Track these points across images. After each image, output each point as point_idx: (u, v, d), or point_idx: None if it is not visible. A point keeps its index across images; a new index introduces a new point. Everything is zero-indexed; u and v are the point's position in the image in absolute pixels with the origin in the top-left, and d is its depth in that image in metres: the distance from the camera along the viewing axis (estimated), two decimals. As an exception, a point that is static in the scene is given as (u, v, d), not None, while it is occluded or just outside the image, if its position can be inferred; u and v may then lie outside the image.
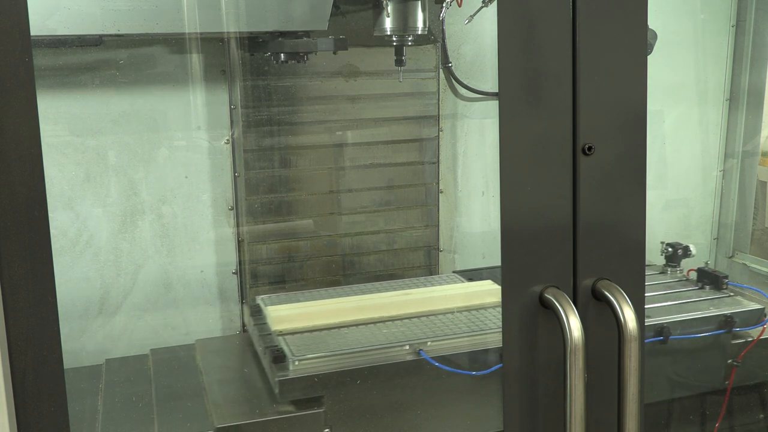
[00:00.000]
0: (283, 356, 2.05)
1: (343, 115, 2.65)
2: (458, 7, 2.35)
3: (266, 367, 2.14)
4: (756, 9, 2.98)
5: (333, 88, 2.61)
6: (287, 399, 2.00)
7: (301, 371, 2.01)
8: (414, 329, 2.24)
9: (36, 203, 1.16)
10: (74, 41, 2.24)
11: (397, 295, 2.43)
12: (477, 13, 2.35)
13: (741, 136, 3.07)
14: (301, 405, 2.00)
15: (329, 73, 2.60)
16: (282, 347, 2.10)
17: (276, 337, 2.19)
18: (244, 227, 2.57)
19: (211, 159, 2.52)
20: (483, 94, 2.83)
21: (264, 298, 2.48)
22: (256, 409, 2.00)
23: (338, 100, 2.63)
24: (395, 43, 2.34)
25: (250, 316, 2.42)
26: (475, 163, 2.85)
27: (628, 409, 1.40)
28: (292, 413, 1.99)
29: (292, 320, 2.26)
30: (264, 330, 2.28)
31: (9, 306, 1.16)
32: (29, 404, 1.19)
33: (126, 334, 2.50)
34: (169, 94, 2.44)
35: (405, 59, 2.40)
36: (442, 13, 2.56)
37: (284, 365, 2.03)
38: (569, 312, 1.36)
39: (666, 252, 2.77)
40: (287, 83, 2.54)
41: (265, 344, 2.16)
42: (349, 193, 2.69)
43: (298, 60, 2.30)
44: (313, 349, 2.09)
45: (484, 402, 2.13)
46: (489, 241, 2.90)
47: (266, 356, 2.12)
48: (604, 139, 1.42)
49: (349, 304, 2.38)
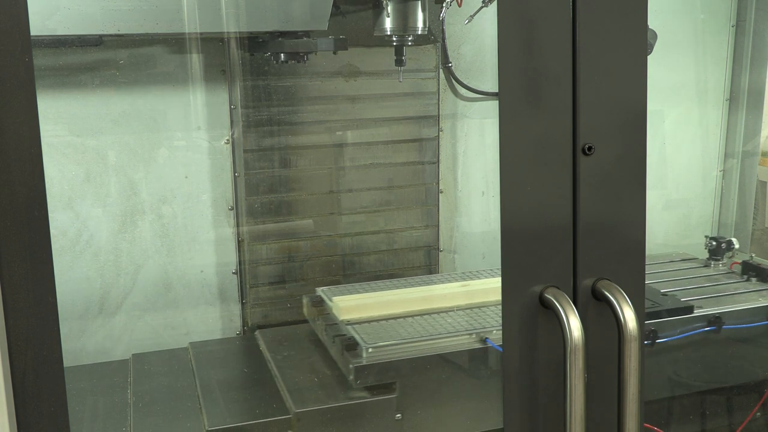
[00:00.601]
0: (355, 344, 2.12)
1: (343, 115, 2.65)
2: (458, 7, 2.35)
3: (336, 355, 2.20)
4: (756, 9, 2.98)
5: (333, 88, 2.61)
6: (362, 385, 2.07)
7: (374, 358, 2.08)
8: (477, 318, 2.30)
9: (36, 203, 1.16)
10: (74, 41, 2.24)
11: (457, 286, 2.49)
12: (477, 13, 2.35)
13: (741, 136, 3.07)
14: (375, 391, 2.08)
15: (329, 73, 2.60)
16: (353, 335, 2.16)
17: (344, 326, 2.25)
18: (244, 227, 2.57)
19: (211, 159, 2.52)
20: (483, 94, 2.83)
21: (324, 290, 2.52)
22: (331, 395, 2.08)
23: (338, 100, 2.63)
24: (395, 43, 2.35)
25: (311, 307, 2.47)
26: (475, 163, 2.85)
27: (628, 409, 1.40)
28: (366, 399, 2.06)
29: (359, 310, 2.32)
30: (329, 320, 2.34)
31: (9, 306, 1.16)
32: (29, 404, 1.19)
33: (126, 334, 2.50)
34: (169, 94, 2.44)
35: (405, 59, 2.41)
36: (442, 13, 2.56)
37: (357, 352, 2.10)
38: (569, 312, 1.37)
39: (710, 246, 2.84)
40: (287, 83, 2.54)
41: (334, 333, 2.22)
42: (349, 193, 2.69)
43: (298, 60, 2.31)
44: (384, 337, 2.16)
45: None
46: (489, 241, 2.90)
47: (336, 344, 2.18)
48: (604, 139, 1.42)
49: (413, 294, 2.45)
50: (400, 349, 2.12)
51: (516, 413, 1.46)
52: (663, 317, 2.33)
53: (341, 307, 2.31)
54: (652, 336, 2.29)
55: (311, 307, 2.47)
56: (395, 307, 2.35)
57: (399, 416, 2.08)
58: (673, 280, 2.69)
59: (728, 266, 2.80)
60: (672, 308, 2.37)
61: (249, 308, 2.61)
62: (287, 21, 2.19)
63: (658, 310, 2.35)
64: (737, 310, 2.42)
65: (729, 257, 2.84)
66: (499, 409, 2.12)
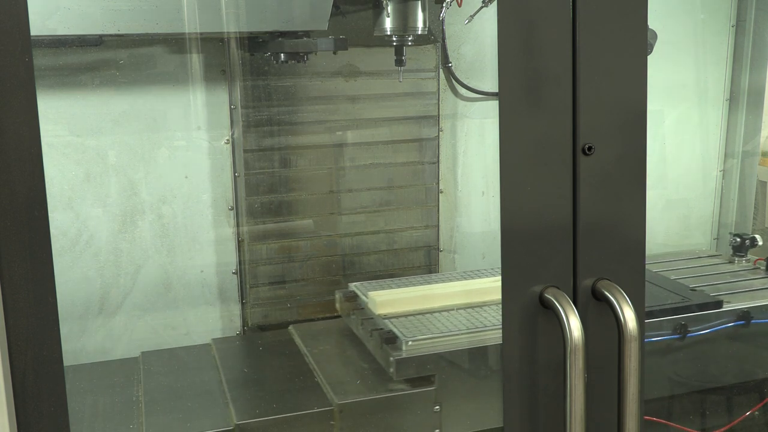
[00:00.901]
0: (394, 337, 2.15)
1: (343, 115, 2.65)
2: (458, 7, 2.35)
3: (374, 349, 2.24)
4: (756, 9, 2.98)
5: (333, 88, 2.61)
6: (402, 377, 2.11)
7: (414, 351, 2.11)
8: None
9: (36, 203, 1.16)
10: (74, 41, 2.24)
11: (490, 281, 2.52)
12: (477, 13, 2.35)
13: (741, 136, 3.07)
14: (414, 383, 2.11)
15: (329, 73, 2.60)
16: (391, 329, 2.20)
17: (381, 320, 2.28)
18: (244, 227, 2.57)
19: (211, 159, 2.52)
20: (483, 94, 2.83)
21: (357, 286, 2.55)
22: (372, 388, 2.13)
23: (338, 100, 2.63)
24: (395, 43, 2.35)
25: (345, 302, 2.49)
26: (475, 163, 2.85)
27: (628, 409, 1.40)
28: (406, 391, 2.10)
29: (395, 305, 2.35)
30: (365, 314, 2.37)
31: (9, 306, 1.16)
32: (29, 404, 1.19)
33: (126, 334, 2.50)
34: (169, 94, 2.44)
35: (405, 59, 2.41)
36: (442, 13, 2.56)
37: (396, 346, 2.13)
38: (569, 312, 1.37)
39: (734, 242, 2.87)
40: (287, 83, 2.54)
41: (371, 327, 2.25)
42: (349, 193, 2.69)
43: (298, 60, 2.31)
44: (423, 331, 2.19)
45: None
46: (489, 241, 2.90)
47: (374, 338, 2.21)
48: (604, 139, 1.42)
49: (449, 289, 2.48)
50: (438, 342, 2.16)
51: (516, 413, 1.46)
52: (693, 312, 2.38)
53: (378, 301, 2.35)
54: (683, 330, 2.34)
55: (344, 302, 2.51)
56: (431, 301, 2.39)
57: (437, 408, 2.11)
58: (700, 276, 2.73)
59: (752, 263, 2.83)
60: (702, 303, 2.42)
61: (249, 308, 2.61)
62: (287, 21, 2.19)
63: (689, 304, 2.40)
64: (766, 305, 2.46)
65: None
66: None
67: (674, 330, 2.34)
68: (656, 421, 2.42)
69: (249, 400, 2.11)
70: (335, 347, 2.44)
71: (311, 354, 2.36)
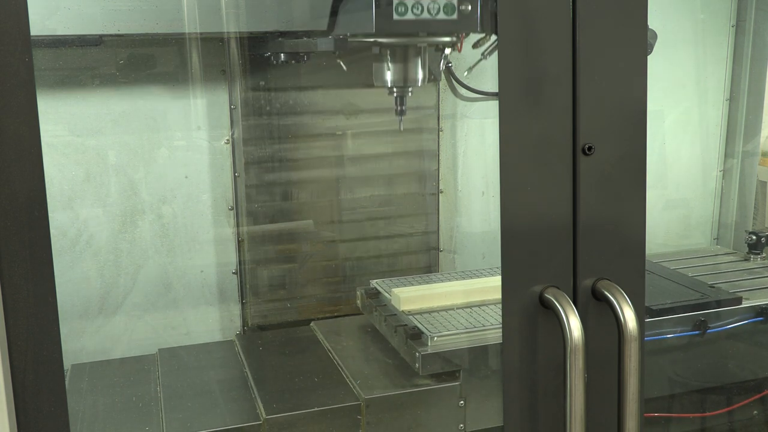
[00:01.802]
0: (419, 333, 2.17)
1: (343, 122, 2.65)
2: (458, 53, 2.32)
3: (398, 345, 2.25)
4: (756, 9, 2.98)
5: (334, 126, 2.62)
6: (428, 373, 2.12)
7: (439, 347, 2.13)
8: None
9: (36, 203, 1.16)
10: (74, 41, 2.24)
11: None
12: (476, 66, 2.34)
13: (741, 136, 3.07)
14: (440, 378, 2.13)
15: (331, 111, 2.59)
16: (416, 325, 2.21)
17: (405, 316, 2.29)
18: (244, 227, 2.57)
19: (211, 159, 2.52)
20: (483, 94, 2.82)
21: (379, 282, 2.57)
22: (398, 383, 2.14)
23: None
24: (396, 94, 2.29)
25: (367, 299, 2.51)
26: (475, 163, 2.85)
27: (628, 409, 1.41)
28: (431, 386, 2.12)
29: (418, 301, 2.37)
30: (387, 311, 2.39)
31: (9, 306, 1.16)
32: (29, 404, 1.19)
33: (126, 334, 2.50)
34: (169, 94, 2.44)
35: (405, 109, 2.34)
36: (442, 65, 2.54)
37: (422, 341, 2.15)
38: (569, 312, 1.37)
39: (749, 240, 2.88)
40: (287, 86, 2.54)
41: (396, 323, 2.27)
42: (349, 194, 2.69)
43: (298, 60, 2.30)
44: (447, 327, 2.21)
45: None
46: (489, 241, 2.90)
47: (399, 334, 2.23)
48: (604, 139, 1.42)
49: (471, 286, 2.49)
50: (463, 338, 2.18)
51: (516, 413, 1.46)
52: (712, 308, 2.39)
53: (402, 297, 2.36)
54: (703, 326, 2.36)
55: (366, 299, 2.53)
56: (453, 298, 2.41)
57: (462, 403, 2.13)
58: (717, 273, 2.75)
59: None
60: (721, 299, 2.43)
61: (249, 308, 2.61)
62: (287, 21, 2.19)
63: (708, 301, 2.41)
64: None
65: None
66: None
67: (694, 326, 2.35)
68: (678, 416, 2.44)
69: (276, 395, 2.12)
70: (358, 343, 2.47)
71: (335, 350, 2.38)
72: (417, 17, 1.89)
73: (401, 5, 1.86)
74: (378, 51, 2.09)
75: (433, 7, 1.89)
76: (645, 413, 1.48)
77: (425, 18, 1.90)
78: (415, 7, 1.88)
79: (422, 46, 2.13)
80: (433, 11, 1.89)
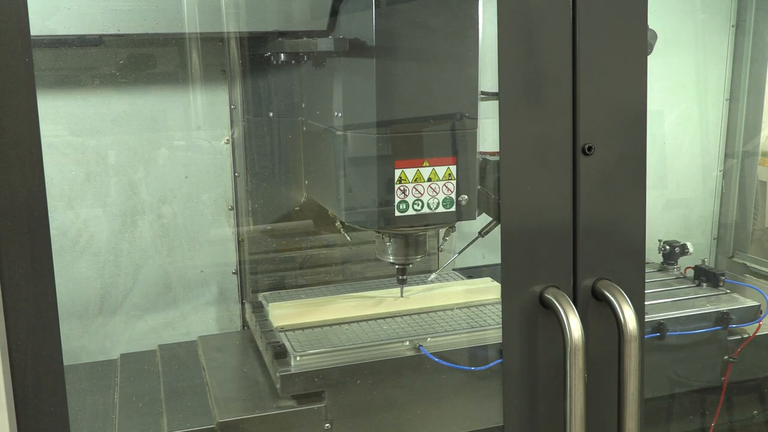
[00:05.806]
0: (284, 352, 2.07)
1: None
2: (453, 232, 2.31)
3: (268, 363, 2.15)
4: (756, 9, 2.98)
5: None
6: (289, 394, 2.02)
7: (303, 366, 2.03)
8: (414, 326, 2.26)
9: (36, 203, 1.16)
10: (74, 41, 2.24)
11: (397, 292, 2.43)
12: (471, 244, 2.35)
13: (741, 136, 3.07)
14: (303, 400, 2.02)
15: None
16: (284, 343, 2.12)
17: (277, 333, 2.21)
18: (244, 227, 2.57)
19: (211, 159, 2.52)
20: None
21: (266, 295, 2.49)
22: (259, 405, 2.02)
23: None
24: (398, 266, 2.25)
25: (252, 314, 2.44)
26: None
27: (628, 409, 1.41)
28: (293, 408, 2.01)
29: (293, 317, 2.28)
30: (266, 326, 2.30)
31: (9, 306, 1.16)
32: (29, 403, 1.19)
33: (126, 334, 2.50)
34: (169, 94, 2.44)
35: (406, 278, 2.31)
36: (441, 245, 2.55)
37: (286, 360, 2.05)
38: (569, 312, 1.37)
39: (664, 250, 2.80)
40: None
41: (267, 340, 2.18)
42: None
43: (298, 60, 2.30)
44: (315, 345, 2.11)
45: (482, 398, 2.15)
46: (489, 241, 2.89)
47: (268, 352, 2.14)
48: (604, 139, 1.42)
49: (350, 301, 2.40)
50: (330, 357, 2.07)
51: (516, 413, 1.46)
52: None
53: (275, 314, 2.28)
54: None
55: (251, 313, 2.44)
56: (331, 313, 2.30)
57: (328, 426, 2.03)
58: None
59: (682, 271, 2.76)
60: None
61: (251, 305, 2.60)
62: (287, 21, 2.19)
63: None
64: (682, 317, 2.37)
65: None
66: (433, 418, 2.12)
67: None
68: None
69: (134, 418, 2.03)
70: (237, 360, 2.35)
71: (208, 368, 2.26)
72: (417, 212, 1.96)
73: (402, 203, 1.94)
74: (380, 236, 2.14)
75: (432, 202, 1.97)
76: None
77: (425, 212, 1.97)
78: (416, 204, 1.95)
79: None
80: (433, 206, 1.97)
